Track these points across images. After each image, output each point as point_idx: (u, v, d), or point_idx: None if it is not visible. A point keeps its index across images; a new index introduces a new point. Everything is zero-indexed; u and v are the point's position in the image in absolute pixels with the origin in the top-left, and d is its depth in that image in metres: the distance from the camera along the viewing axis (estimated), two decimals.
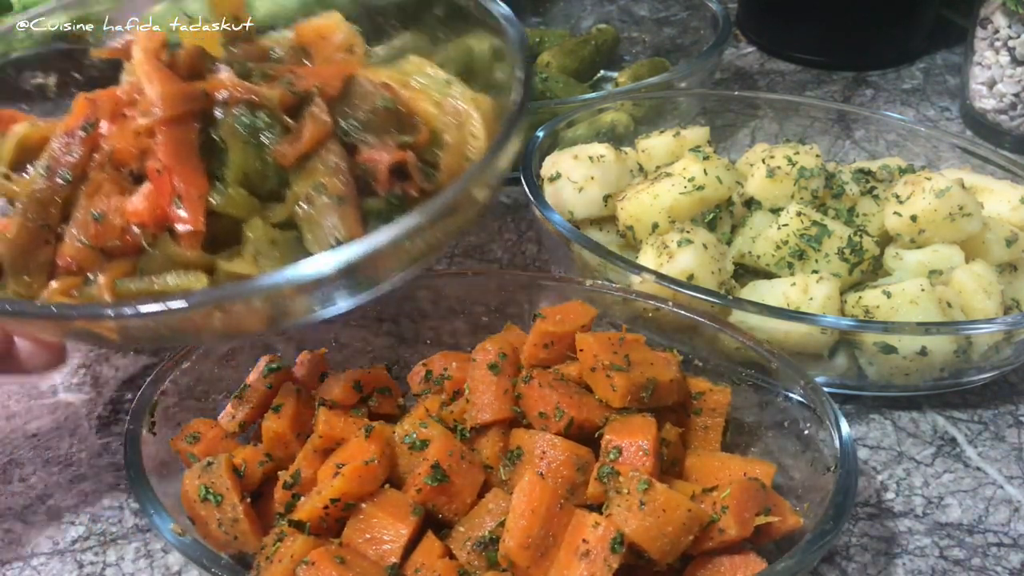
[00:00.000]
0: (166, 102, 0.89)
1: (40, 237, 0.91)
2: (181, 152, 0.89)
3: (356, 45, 1.04)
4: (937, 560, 0.94)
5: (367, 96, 0.97)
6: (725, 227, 1.17)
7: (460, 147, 0.97)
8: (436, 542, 0.81)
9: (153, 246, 0.88)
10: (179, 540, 0.81)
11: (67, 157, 0.92)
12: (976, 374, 1.08)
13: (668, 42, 1.77)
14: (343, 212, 0.89)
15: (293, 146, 0.91)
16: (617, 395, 0.86)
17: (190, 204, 0.88)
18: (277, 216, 0.89)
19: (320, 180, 0.89)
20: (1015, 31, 1.46)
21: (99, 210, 0.89)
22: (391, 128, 0.96)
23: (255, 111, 0.91)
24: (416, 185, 0.93)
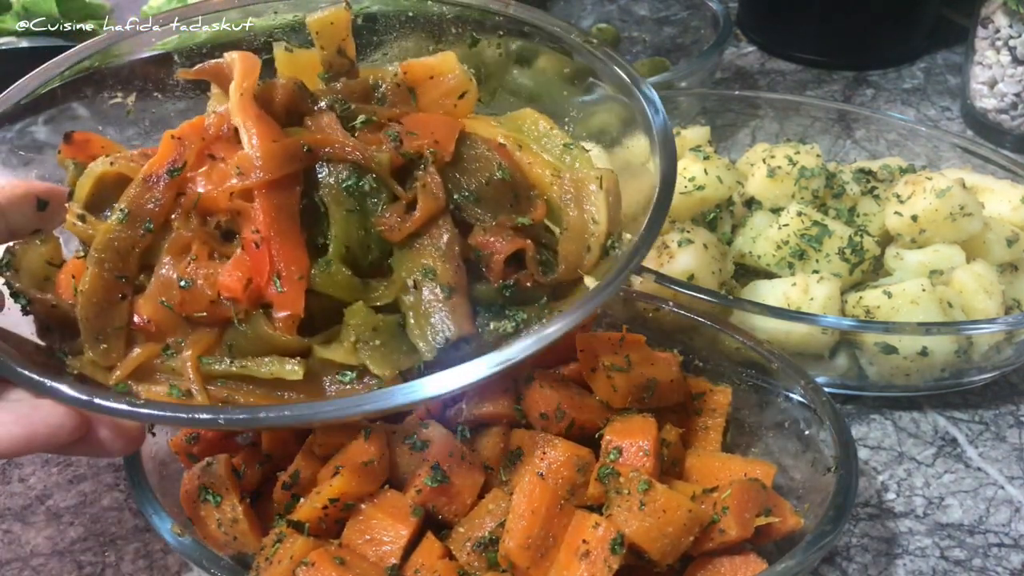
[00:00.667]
0: (267, 163, 0.80)
1: (116, 290, 0.83)
2: (281, 222, 0.81)
3: (469, 90, 0.95)
4: (938, 561, 0.94)
5: (482, 163, 0.88)
6: (725, 227, 1.17)
7: (580, 232, 0.87)
8: (436, 543, 0.81)
9: (244, 322, 0.80)
10: (178, 540, 0.80)
11: (149, 204, 0.84)
12: (977, 374, 1.08)
13: (668, 42, 1.77)
14: (453, 305, 0.81)
15: (403, 222, 0.83)
16: (617, 395, 0.86)
17: (289, 285, 0.79)
18: (380, 299, 0.82)
19: (429, 264, 0.82)
20: (1016, 30, 1.46)
21: (188, 276, 0.81)
22: (506, 203, 0.87)
23: (362, 174, 0.83)
24: (531, 276, 0.85)
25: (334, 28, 0.94)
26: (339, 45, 0.94)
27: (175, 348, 0.82)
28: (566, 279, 0.85)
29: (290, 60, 0.95)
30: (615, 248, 0.87)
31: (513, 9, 1.03)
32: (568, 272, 0.85)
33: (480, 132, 0.91)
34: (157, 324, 0.82)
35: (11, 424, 0.73)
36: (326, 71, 0.95)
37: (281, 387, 0.79)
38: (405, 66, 0.94)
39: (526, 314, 0.83)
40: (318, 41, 0.94)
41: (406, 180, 0.85)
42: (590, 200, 0.88)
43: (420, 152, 0.85)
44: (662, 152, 0.89)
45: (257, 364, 0.79)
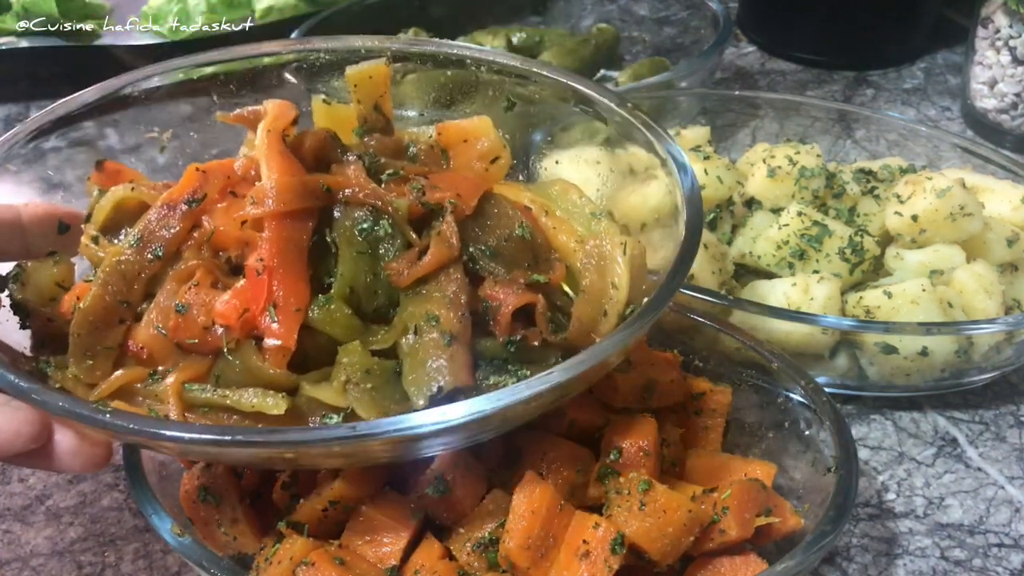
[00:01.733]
0: (281, 195, 0.79)
1: (116, 313, 0.81)
2: (288, 254, 0.79)
3: (502, 156, 0.93)
4: (938, 561, 0.94)
5: (503, 220, 0.86)
6: (726, 227, 1.17)
7: (597, 297, 0.84)
8: (436, 543, 0.81)
9: (234, 353, 0.78)
10: (178, 541, 0.80)
11: (163, 231, 0.82)
12: (977, 374, 1.08)
13: (668, 41, 1.77)
14: (452, 354, 0.77)
15: (412, 267, 0.80)
16: (618, 395, 0.86)
17: (284, 316, 0.77)
18: (379, 343, 0.79)
19: (433, 310, 0.79)
20: (1016, 30, 1.46)
21: (184, 301, 0.79)
22: (524, 261, 0.85)
23: (378, 218, 0.81)
24: (539, 335, 0.81)
25: (372, 83, 0.92)
26: (376, 101, 0.93)
27: (162, 375, 0.80)
28: (578, 342, 0.81)
29: (327, 112, 0.94)
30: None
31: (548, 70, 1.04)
32: (580, 334, 0.81)
33: (508, 195, 0.89)
34: (149, 350, 0.80)
35: None
36: (361, 126, 0.94)
37: (262, 422, 0.76)
38: (440, 127, 0.93)
39: (530, 372, 0.78)
40: (355, 94, 0.93)
41: (423, 231, 0.83)
42: (612, 266, 0.85)
43: (440, 203, 0.83)
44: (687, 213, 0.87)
45: (239, 395, 0.77)
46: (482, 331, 0.81)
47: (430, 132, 0.94)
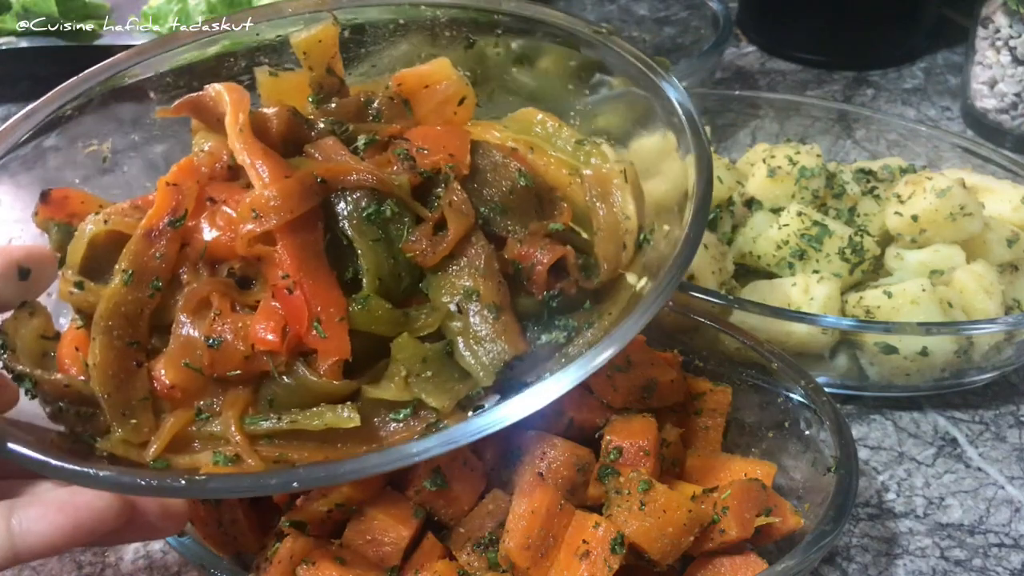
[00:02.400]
0: (285, 203, 0.74)
1: (130, 358, 0.76)
2: (309, 262, 0.75)
3: (468, 96, 0.90)
4: (938, 561, 0.94)
5: (501, 172, 0.83)
6: (726, 227, 1.17)
7: (614, 231, 0.84)
8: (436, 543, 0.81)
9: (285, 374, 0.74)
10: (178, 541, 0.80)
11: (154, 260, 0.77)
12: (977, 374, 1.08)
13: (668, 41, 1.77)
14: (504, 324, 0.76)
15: (435, 245, 0.77)
16: (618, 395, 0.86)
17: (331, 328, 0.73)
18: (424, 328, 0.76)
19: (470, 285, 0.77)
20: (1016, 30, 1.46)
21: (216, 334, 0.75)
22: (532, 210, 0.83)
23: (382, 199, 0.78)
24: (574, 283, 0.81)
25: (322, 46, 0.88)
26: (328, 64, 0.89)
27: (208, 411, 0.76)
28: (608, 280, 0.82)
29: (275, 84, 0.90)
30: (648, 241, 0.84)
31: (512, 5, 0.98)
32: (610, 273, 0.82)
33: (488, 139, 0.86)
34: (183, 389, 0.76)
35: (54, 513, 0.65)
36: (315, 93, 0.90)
37: (333, 437, 0.74)
38: (398, 77, 0.89)
39: (576, 321, 0.79)
40: (306, 62, 0.89)
41: (426, 199, 0.80)
42: (617, 196, 0.84)
43: (437, 168, 0.80)
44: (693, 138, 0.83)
45: (308, 417, 0.73)
46: (518, 291, 0.80)
47: (387, 83, 0.89)
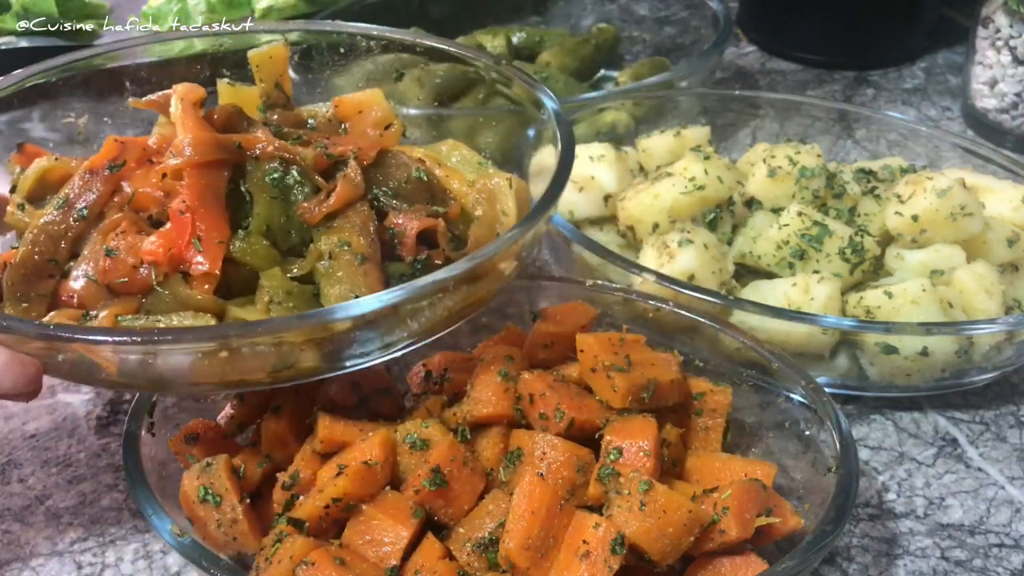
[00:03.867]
0: (197, 147, 0.88)
1: (44, 270, 0.88)
2: (207, 196, 0.87)
3: (394, 123, 1.03)
4: (938, 561, 0.94)
5: (401, 167, 0.96)
6: (726, 227, 1.17)
7: (490, 222, 0.96)
8: (436, 543, 0.81)
9: (163, 286, 0.85)
10: (178, 541, 0.80)
11: (87, 194, 0.90)
12: (977, 374, 1.08)
13: (669, 41, 1.77)
14: (365, 270, 0.87)
15: (321, 204, 0.89)
16: (617, 396, 0.86)
17: (208, 246, 0.85)
18: (297, 270, 0.88)
19: (345, 238, 0.88)
20: (1016, 30, 1.46)
21: (113, 245, 0.87)
22: (423, 199, 0.95)
23: (288, 168, 0.90)
24: (443, 253, 0.91)
25: (272, 62, 1.02)
26: (277, 79, 1.03)
27: (95, 316, 0.86)
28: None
29: (232, 93, 1.03)
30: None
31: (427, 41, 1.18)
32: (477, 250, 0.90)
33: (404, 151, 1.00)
34: (80, 297, 0.87)
35: None
36: (264, 102, 1.03)
37: None
38: (336, 101, 1.03)
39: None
40: (257, 74, 1.03)
41: (330, 178, 0.92)
42: (501, 199, 0.98)
43: (344, 155, 0.93)
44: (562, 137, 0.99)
45: (170, 318, 0.84)
46: (391, 256, 0.91)
47: (327, 107, 1.04)
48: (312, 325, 0.80)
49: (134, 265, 0.86)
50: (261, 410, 0.92)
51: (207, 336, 0.80)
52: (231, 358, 0.81)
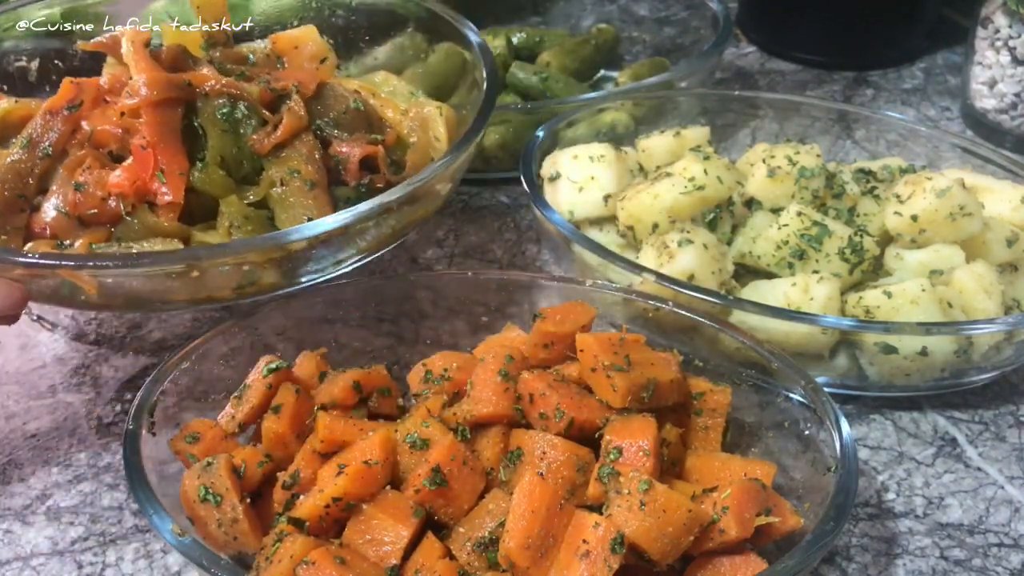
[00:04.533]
0: (152, 86, 0.97)
1: (15, 205, 0.98)
2: (164, 132, 0.97)
3: (328, 57, 1.13)
4: (938, 561, 0.94)
5: (340, 98, 1.06)
6: (725, 227, 1.17)
7: (424, 147, 1.07)
8: (436, 543, 0.81)
9: (131, 215, 0.96)
10: (179, 541, 0.80)
11: (49, 133, 0.99)
12: (977, 374, 1.08)
13: (668, 42, 1.77)
14: (315, 195, 0.98)
15: (270, 136, 1.00)
16: (617, 395, 0.86)
17: (171, 178, 0.96)
18: (252, 196, 0.99)
19: (294, 166, 0.99)
20: (1016, 31, 1.46)
21: (82, 180, 0.96)
22: (362, 128, 1.05)
23: (235, 103, 1.00)
24: (384, 177, 1.03)
25: (213, 4, 1.13)
26: (217, 19, 1.13)
27: (70, 245, 0.96)
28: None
29: (176, 35, 1.12)
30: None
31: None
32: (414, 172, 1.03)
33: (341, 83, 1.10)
34: (52, 228, 0.97)
35: None
36: (206, 41, 1.12)
37: None
38: (273, 37, 1.15)
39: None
40: (199, 15, 1.13)
41: (275, 111, 1.03)
42: (433, 126, 1.09)
43: (286, 89, 1.03)
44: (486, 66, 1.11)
45: (141, 244, 0.95)
46: (336, 182, 1.03)
47: (265, 43, 1.15)
48: (271, 246, 0.91)
49: (103, 197, 0.96)
50: (262, 409, 0.93)
51: (181, 258, 0.91)
52: (200, 278, 0.91)
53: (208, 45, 1.13)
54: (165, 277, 0.91)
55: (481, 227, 1.39)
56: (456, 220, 1.40)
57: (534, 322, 0.95)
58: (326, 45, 1.14)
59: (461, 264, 1.32)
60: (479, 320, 1.09)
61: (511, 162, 1.43)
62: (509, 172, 1.44)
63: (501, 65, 1.61)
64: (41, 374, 1.15)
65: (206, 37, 1.13)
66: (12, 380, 1.14)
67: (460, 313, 1.09)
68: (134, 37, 1.03)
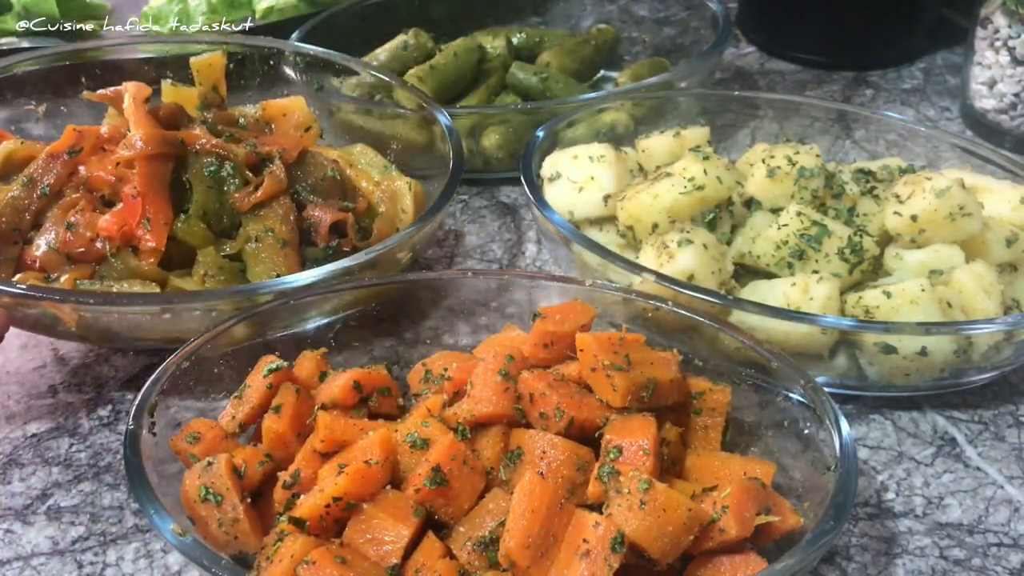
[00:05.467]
0: (147, 142, 1.06)
1: (10, 238, 1.07)
2: (154, 184, 1.06)
3: (313, 126, 1.24)
4: (937, 560, 0.94)
5: (319, 166, 1.16)
6: (725, 227, 1.17)
7: (392, 218, 1.17)
8: (436, 542, 0.81)
9: (115, 256, 1.04)
10: (179, 540, 0.80)
11: (49, 174, 1.08)
12: (976, 374, 1.08)
13: (668, 42, 1.77)
14: (285, 253, 1.07)
15: (251, 196, 1.09)
16: (617, 395, 0.86)
17: (155, 226, 1.05)
18: (229, 249, 1.07)
19: (269, 225, 1.08)
20: (1015, 31, 1.46)
21: (73, 221, 1.05)
22: (336, 195, 1.15)
23: (222, 162, 1.10)
24: (350, 242, 1.12)
25: (211, 68, 1.23)
26: (213, 83, 1.24)
27: (56, 278, 1.04)
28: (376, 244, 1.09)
29: (174, 93, 1.23)
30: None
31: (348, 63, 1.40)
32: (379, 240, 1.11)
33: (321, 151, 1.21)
34: (42, 263, 1.05)
35: None
36: (201, 102, 1.23)
37: None
38: (264, 104, 1.26)
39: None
40: (197, 78, 1.23)
41: (259, 172, 1.12)
42: (401, 199, 1.18)
43: (270, 153, 1.13)
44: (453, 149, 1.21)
45: (121, 285, 1.04)
46: (307, 242, 1.12)
47: (256, 108, 1.25)
48: (240, 298, 0.99)
49: (91, 238, 1.05)
50: (262, 409, 0.93)
51: (156, 301, 1.00)
52: (172, 320, 1.00)
53: (203, 106, 1.21)
54: (140, 317, 1.00)
55: (481, 227, 1.39)
56: (456, 220, 1.40)
57: (534, 322, 0.95)
58: (312, 115, 1.25)
59: (461, 264, 1.32)
60: (479, 320, 1.09)
61: (511, 162, 1.43)
62: (509, 172, 1.45)
63: (501, 65, 1.61)
64: (41, 374, 1.15)
65: (202, 99, 1.22)
66: (12, 380, 1.14)
67: (460, 313, 1.09)
68: (136, 93, 1.11)
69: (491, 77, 1.58)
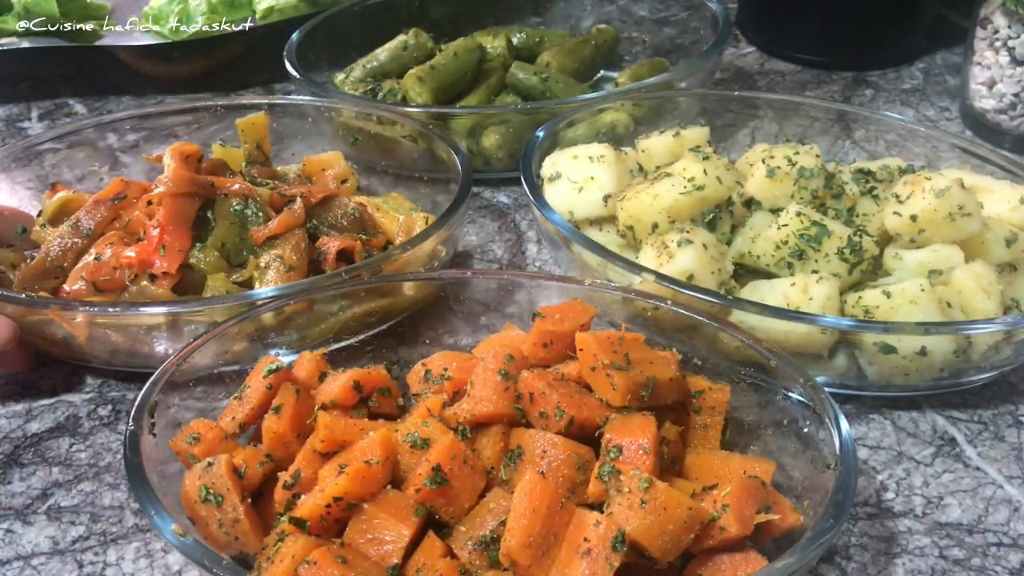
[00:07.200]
0: (175, 181, 1.14)
1: (51, 273, 1.15)
2: (177, 218, 1.13)
3: (350, 179, 1.32)
4: (937, 560, 0.94)
5: (341, 206, 1.22)
6: (725, 227, 1.17)
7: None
8: (437, 542, 0.82)
9: (133, 283, 1.11)
10: (180, 540, 0.80)
11: (91, 218, 1.17)
12: (976, 374, 1.08)
13: (668, 42, 1.77)
14: (289, 276, 1.11)
15: (265, 228, 1.15)
16: (617, 394, 0.86)
17: (170, 252, 1.12)
18: (240, 276, 1.13)
19: (278, 253, 1.13)
20: (1015, 31, 1.46)
21: (100, 252, 1.13)
22: (355, 230, 1.20)
23: (247, 201, 1.16)
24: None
25: (255, 128, 1.31)
26: (258, 141, 1.32)
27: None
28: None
29: (223, 152, 1.31)
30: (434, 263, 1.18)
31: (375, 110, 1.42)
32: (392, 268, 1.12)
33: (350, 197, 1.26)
34: (74, 295, 1.12)
35: None
36: (246, 159, 1.31)
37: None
38: (305, 160, 1.34)
39: None
40: (242, 137, 1.31)
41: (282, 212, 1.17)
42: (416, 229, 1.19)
43: (294, 195, 1.19)
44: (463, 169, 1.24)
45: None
46: (318, 271, 1.14)
47: (297, 166, 1.34)
48: (237, 304, 1.02)
49: (114, 267, 1.12)
50: (262, 410, 0.93)
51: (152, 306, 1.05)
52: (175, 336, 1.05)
53: (248, 163, 1.30)
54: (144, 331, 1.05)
55: (481, 227, 1.40)
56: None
57: (534, 321, 0.95)
58: (349, 168, 1.32)
59: (461, 264, 1.32)
60: (479, 320, 1.09)
61: (511, 162, 1.44)
62: (509, 172, 1.45)
63: (501, 65, 1.61)
64: (41, 374, 1.15)
65: (246, 156, 1.31)
66: (12, 380, 1.14)
67: (460, 313, 1.09)
68: (180, 148, 1.20)
69: (491, 77, 1.58)
